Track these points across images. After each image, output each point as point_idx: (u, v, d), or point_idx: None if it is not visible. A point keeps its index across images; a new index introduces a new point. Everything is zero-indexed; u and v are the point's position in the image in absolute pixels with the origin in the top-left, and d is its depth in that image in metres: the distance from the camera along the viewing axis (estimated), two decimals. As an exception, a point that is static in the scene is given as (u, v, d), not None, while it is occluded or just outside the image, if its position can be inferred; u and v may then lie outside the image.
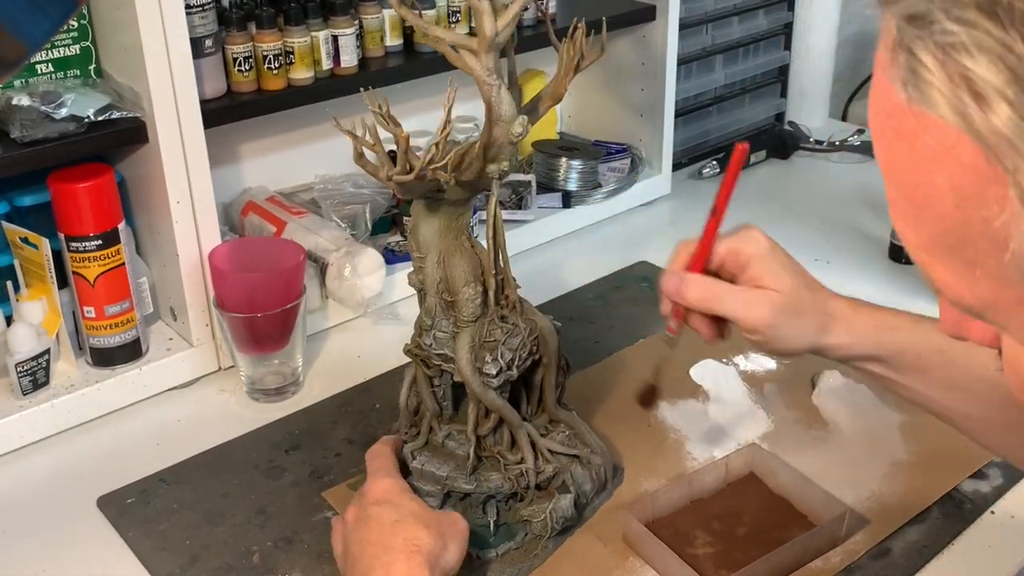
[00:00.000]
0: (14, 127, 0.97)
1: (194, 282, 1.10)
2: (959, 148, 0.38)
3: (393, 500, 0.82)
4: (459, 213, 0.86)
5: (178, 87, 1.01)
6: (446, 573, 0.78)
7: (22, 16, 0.48)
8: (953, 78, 0.37)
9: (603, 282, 1.33)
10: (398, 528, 0.78)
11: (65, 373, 1.08)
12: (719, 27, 1.65)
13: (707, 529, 0.88)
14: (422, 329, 0.89)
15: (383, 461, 0.88)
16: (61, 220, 1.03)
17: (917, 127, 0.39)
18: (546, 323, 0.89)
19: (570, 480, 0.89)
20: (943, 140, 0.38)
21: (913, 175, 0.41)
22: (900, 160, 0.41)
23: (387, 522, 0.79)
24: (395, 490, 0.83)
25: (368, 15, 1.22)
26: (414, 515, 0.80)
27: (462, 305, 0.86)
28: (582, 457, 0.91)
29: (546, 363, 0.90)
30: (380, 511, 0.80)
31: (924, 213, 0.41)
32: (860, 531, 0.88)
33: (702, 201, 1.59)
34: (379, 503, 0.81)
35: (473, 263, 0.86)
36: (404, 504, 0.81)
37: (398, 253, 1.30)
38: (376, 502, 0.81)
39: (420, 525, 0.78)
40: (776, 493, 0.92)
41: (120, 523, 0.92)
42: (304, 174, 1.36)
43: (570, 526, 0.89)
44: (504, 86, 0.80)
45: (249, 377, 1.10)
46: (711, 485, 0.92)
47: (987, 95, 0.36)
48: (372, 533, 0.78)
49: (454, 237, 0.86)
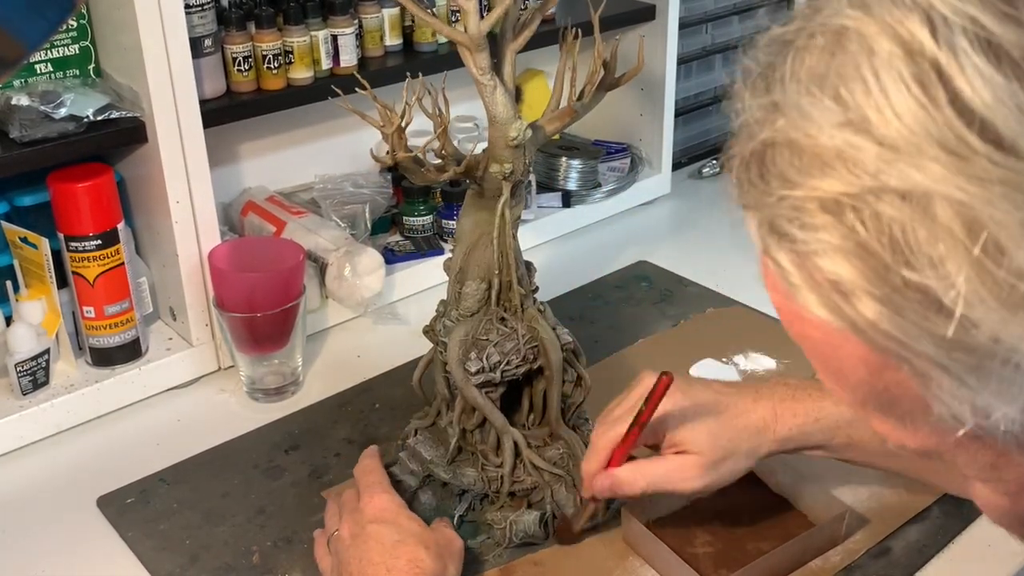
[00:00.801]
0: (13, 127, 0.97)
1: (194, 282, 1.10)
2: (846, 339, 0.39)
3: (391, 519, 0.81)
4: (493, 207, 0.85)
5: (177, 87, 1.01)
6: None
7: (20, 16, 0.48)
8: (816, 280, 0.38)
9: (603, 282, 1.33)
10: (400, 549, 0.78)
11: (65, 373, 1.08)
12: (719, 27, 1.65)
13: (707, 528, 0.88)
14: (439, 314, 0.90)
15: (375, 476, 0.88)
16: (60, 220, 1.03)
17: (806, 318, 0.40)
18: (550, 334, 0.87)
19: (549, 498, 0.88)
20: (829, 334, 0.39)
21: (822, 350, 0.42)
22: (807, 335, 0.42)
23: (388, 542, 0.79)
24: (392, 508, 0.83)
25: (367, 15, 1.22)
26: (415, 536, 0.80)
27: (463, 297, 0.87)
28: (570, 479, 0.89)
29: (548, 375, 0.89)
30: (380, 530, 0.80)
31: (844, 381, 0.42)
32: (860, 531, 0.88)
33: (702, 201, 1.60)
34: (378, 521, 0.81)
35: (490, 260, 0.86)
36: (404, 524, 0.81)
37: (398, 253, 1.30)
38: (374, 520, 0.81)
39: (421, 547, 0.78)
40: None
41: (120, 523, 0.92)
42: (304, 174, 1.36)
43: (532, 543, 0.88)
44: (500, 87, 0.80)
45: (249, 377, 1.10)
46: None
47: (851, 292, 0.37)
48: (373, 552, 0.78)
49: (484, 231, 0.86)
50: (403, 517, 0.82)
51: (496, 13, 0.79)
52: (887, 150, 0.36)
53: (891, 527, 0.89)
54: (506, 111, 0.80)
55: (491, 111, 0.80)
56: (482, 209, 0.85)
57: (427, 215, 1.31)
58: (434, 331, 0.90)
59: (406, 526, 0.81)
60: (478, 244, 0.86)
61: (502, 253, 0.85)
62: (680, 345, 1.17)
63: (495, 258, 0.85)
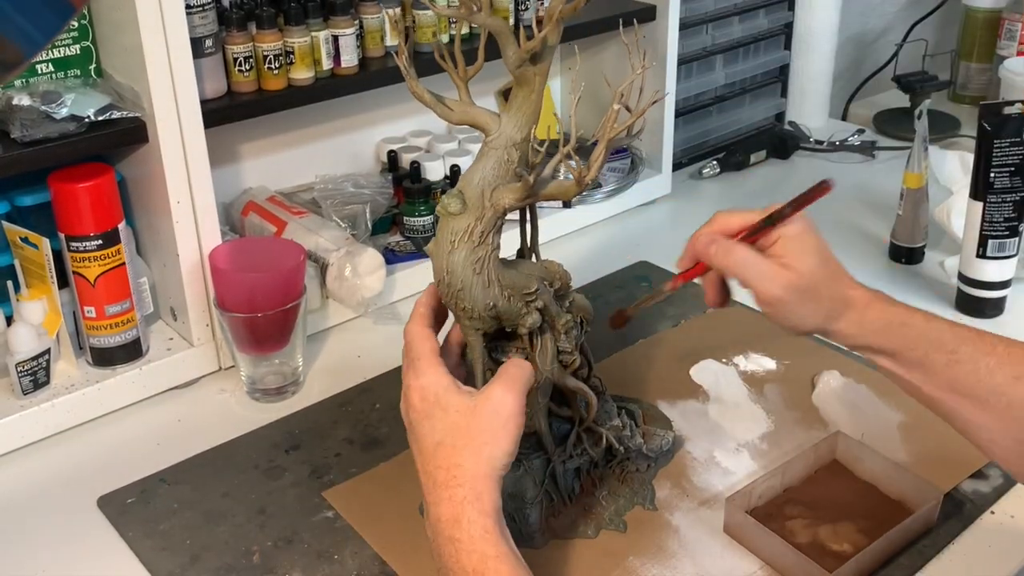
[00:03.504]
0: (14, 127, 0.97)
1: (194, 282, 1.10)
2: None
3: (430, 411, 0.76)
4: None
5: (178, 87, 1.01)
6: (495, 478, 0.74)
7: (18, 20, 0.48)
8: None
9: (603, 282, 1.33)
10: (439, 455, 0.74)
11: (65, 373, 1.08)
12: (719, 27, 1.65)
13: (803, 516, 0.89)
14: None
15: (418, 346, 0.79)
16: (61, 220, 1.03)
17: None
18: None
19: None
20: None
21: None
22: None
23: (429, 445, 0.75)
24: (432, 392, 0.76)
25: (368, 15, 1.22)
26: (452, 431, 0.74)
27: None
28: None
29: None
30: (422, 429, 0.76)
31: None
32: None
33: (702, 201, 1.60)
34: (420, 416, 0.76)
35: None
36: (441, 417, 0.75)
37: (398, 253, 1.30)
38: (418, 412, 0.76)
39: (458, 448, 0.74)
40: (862, 479, 0.93)
41: (120, 523, 0.92)
42: (304, 174, 1.36)
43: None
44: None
45: (249, 377, 1.10)
46: (800, 473, 0.93)
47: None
48: (418, 455, 0.75)
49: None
50: (441, 405, 0.76)
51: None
52: None
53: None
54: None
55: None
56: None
57: (428, 215, 1.31)
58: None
59: (443, 419, 0.75)
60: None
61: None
62: (680, 345, 1.17)
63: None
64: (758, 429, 1.03)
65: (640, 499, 0.92)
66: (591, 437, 0.90)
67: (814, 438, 1.00)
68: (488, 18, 0.76)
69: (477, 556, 0.71)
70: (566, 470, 0.89)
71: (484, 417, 0.75)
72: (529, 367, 0.78)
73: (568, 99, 1.59)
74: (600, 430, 0.90)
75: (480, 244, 0.78)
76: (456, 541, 0.72)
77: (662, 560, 0.86)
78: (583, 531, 0.89)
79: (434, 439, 0.75)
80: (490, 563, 0.71)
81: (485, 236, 0.78)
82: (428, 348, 0.79)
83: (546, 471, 0.88)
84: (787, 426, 1.03)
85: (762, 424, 1.04)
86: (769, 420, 1.04)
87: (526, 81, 0.79)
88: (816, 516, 0.89)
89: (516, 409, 0.75)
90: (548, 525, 0.88)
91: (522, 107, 0.79)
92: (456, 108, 0.81)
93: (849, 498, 0.91)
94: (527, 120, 0.79)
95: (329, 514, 0.92)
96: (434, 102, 0.80)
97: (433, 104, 0.80)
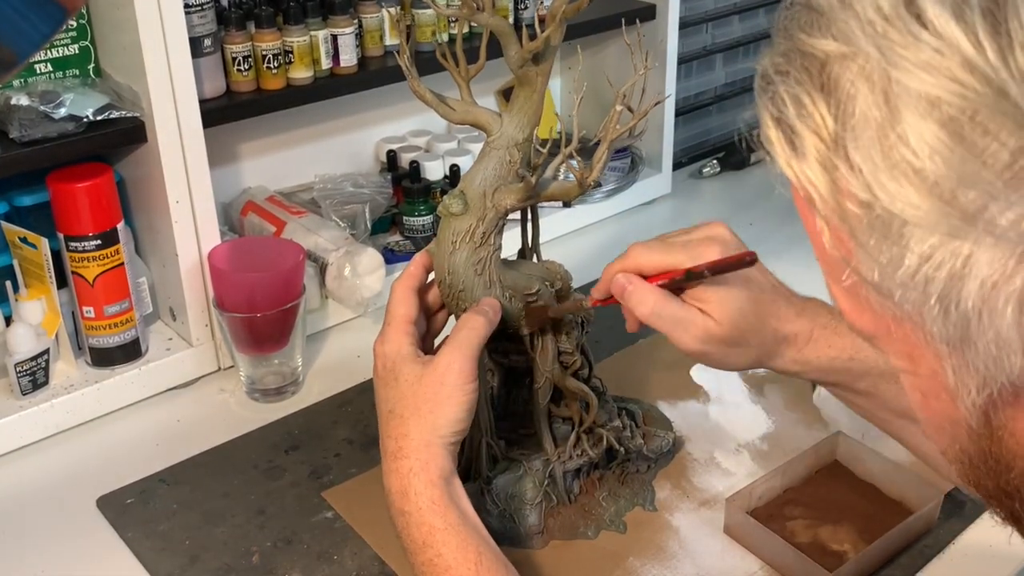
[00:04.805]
0: (13, 127, 0.97)
1: (193, 282, 1.10)
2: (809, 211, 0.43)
3: (387, 379, 0.76)
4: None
5: (177, 87, 1.01)
6: (442, 446, 0.73)
7: (9, 24, 0.48)
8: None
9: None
10: (390, 425, 0.74)
11: (64, 373, 1.08)
12: (719, 26, 1.65)
13: (803, 517, 0.89)
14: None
15: (393, 309, 0.79)
16: (60, 220, 1.03)
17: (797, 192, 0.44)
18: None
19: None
20: (800, 202, 0.44)
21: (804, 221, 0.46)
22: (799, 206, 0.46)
23: (384, 412, 0.75)
24: (391, 359, 0.76)
25: (367, 14, 1.22)
26: (400, 400, 0.74)
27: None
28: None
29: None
30: (380, 394, 0.76)
31: (818, 253, 0.45)
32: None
33: (702, 201, 1.60)
34: (379, 383, 0.76)
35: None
36: (394, 386, 0.75)
37: (398, 253, 1.30)
38: (379, 380, 0.76)
39: (405, 417, 0.73)
40: (863, 480, 0.93)
41: (120, 523, 0.92)
42: (304, 174, 1.36)
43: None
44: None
45: (249, 377, 1.10)
46: (800, 474, 0.93)
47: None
48: (379, 423, 0.75)
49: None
50: (396, 372, 0.75)
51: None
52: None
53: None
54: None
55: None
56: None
57: (427, 215, 1.31)
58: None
59: (397, 388, 0.75)
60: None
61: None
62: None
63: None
64: (758, 429, 1.03)
65: (640, 500, 0.92)
66: (591, 438, 0.90)
67: (815, 438, 0.99)
68: (491, 18, 0.76)
69: (426, 528, 0.71)
70: (566, 471, 0.89)
71: (429, 385, 0.74)
72: (481, 323, 0.76)
73: (568, 98, 1.59)
74: (600, 431, 0.90)
75: (482, 245, 0.78)
76: (406, 514, 0.72)
77: (662, 561, 0.86)
78: (583, 532, 0.89)
79: (387, 408, 0.75)
80: (437, 535, 0.71)
81: (487, 237, 0.78)
82: (401, 313, 0.79)
83: (546, 472, 0.88)
84: (788, 426, 1.03)
85: (762, 424, 1.04)
86: (770, 421, 1.04)
87: (528, 81, 0.79)
88: (817, 516, 0.89)
89: (463, 376, 0.74)
90: (548, 526, 0.88)
91: (524, 107, 0.79)
92: (458, 108, 0.80)
93: (850, 498, 0.91)
94: (529, 120, 0.79)
95: (329, 514, 0.92)
96: (436, 102, 0.80)
97: (435, 104, 0.80)
